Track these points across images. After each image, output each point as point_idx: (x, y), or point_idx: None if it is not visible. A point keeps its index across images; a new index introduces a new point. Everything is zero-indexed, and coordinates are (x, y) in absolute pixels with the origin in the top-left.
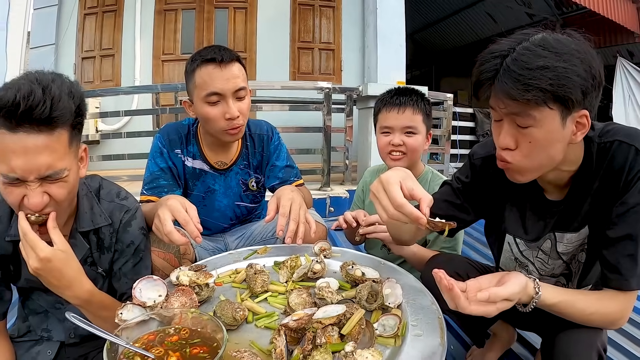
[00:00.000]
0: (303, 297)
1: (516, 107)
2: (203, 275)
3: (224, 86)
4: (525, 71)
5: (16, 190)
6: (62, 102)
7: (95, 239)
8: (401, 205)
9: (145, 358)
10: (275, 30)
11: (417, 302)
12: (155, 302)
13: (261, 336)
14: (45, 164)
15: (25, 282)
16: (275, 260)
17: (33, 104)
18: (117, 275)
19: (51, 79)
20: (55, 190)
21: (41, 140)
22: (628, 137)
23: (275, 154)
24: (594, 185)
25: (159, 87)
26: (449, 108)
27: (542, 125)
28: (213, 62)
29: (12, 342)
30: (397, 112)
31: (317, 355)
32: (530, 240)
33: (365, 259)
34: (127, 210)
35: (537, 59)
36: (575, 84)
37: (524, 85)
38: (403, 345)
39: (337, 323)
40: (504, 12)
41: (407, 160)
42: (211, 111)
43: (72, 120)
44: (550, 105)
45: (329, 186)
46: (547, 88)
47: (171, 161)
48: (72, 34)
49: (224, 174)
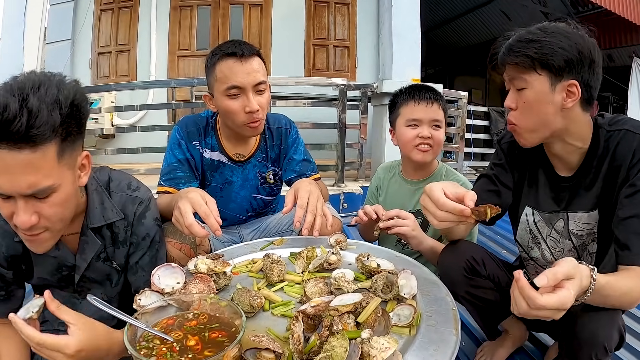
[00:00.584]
0: (319, 286)
1: (512, 72)
2: (221, 263)
3: (245, 80)
4: (518, 43)
5: (6, 205)
6: (41, 116)
7: (110, 233)
8: (444, 203)
9: (164, 341)
10: (290, 27)
11: (432, 294)
12: (174, 288)
13: (277, 324)
14: (26, 183)
15: (38, 280)
16: (291, 252)
17: (8, 120)
18: (133, 269)
19: (35, 87)
20: (45, 209)
21: (22, 158)
22: (635, 127)
23: (293, 148)
24: (603, 168)
25: (173, 82)
26: (463, 106)
27: (533, 87)
28: (234, 56)
29: None
30: (425, 105)
31: (334, 341)
32: (543, 211)
33: (380, 251)
34: (140, 201)
35: (528, 35)
36: (557, 53)
37: (515, 52)
38: (417, 334)
39: (354, 311)
40: (519, 10)
41: (433, 153)
42: (232, 104)
43: (59, 133)
44: (539, 71)
45: (343, 182)
46: (532, 55)
47: (189, 153)
48: (88, 30)
49: (241, 166)
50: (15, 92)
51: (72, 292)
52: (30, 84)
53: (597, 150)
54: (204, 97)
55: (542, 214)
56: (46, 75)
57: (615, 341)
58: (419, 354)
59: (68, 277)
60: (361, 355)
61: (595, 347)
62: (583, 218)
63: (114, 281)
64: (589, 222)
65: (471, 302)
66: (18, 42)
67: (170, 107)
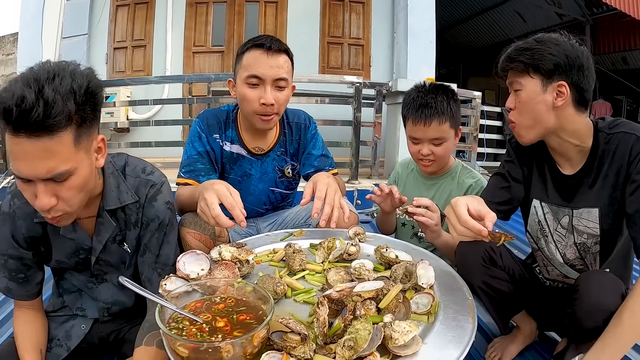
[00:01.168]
0: (341, 274)
1: (511, 76)
2: (244, 251)
3: (266, 72)
4: (514, 51)
5: (29, 188)
6: (57, 106)
7: (123, 215)
8: (465, 221)
9: (193, 322)
10: (305, 24)
11: (449, 285)
12: (198, 275)
13: (300, 310)
14: (45, 168)
15: (56, 263)
16: (311, 243)
17: (25, 110)
18: (141, 250)
19: (50, 77)
20: (63, 192)
21: (40, 145)
22: (632, 129)
23: (312, 143)
24: (604, 168)
25: (186, 78)
26: (477, 106)
27: (526, 88)
28: (262, 47)
29: (47, 316)
30: (423, 125)
31: (357, 324)
32: (551, 203)
33: (398, 244)
34: (152, 184)
35: (523, 44)
36: (547, 58)
37: (511, 59)
38: (435, 322)
39: (375, 297)
40: (533, 11)
41: (437, 165)
42: (249, 92)
43: (75, 120)
44: (532, 74)
45: (357, 179)
46: (524, 60)
47: (209, 145)
48: (105, 25)
49: (260, 159)
50: (31, 83)
51: (89, 276)
52: (45, 74)
53: (598, 152)
54: (228, 83)
55: (550, 206)
56: (60, 65)
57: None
58: (437, 340)
59: (85, 260)
60: (383, 338)
61: (603, 313)
62: (584, 214)
63: (127, 263)
64: (589, 220)
65: (486, 292)
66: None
67: (183, 102)
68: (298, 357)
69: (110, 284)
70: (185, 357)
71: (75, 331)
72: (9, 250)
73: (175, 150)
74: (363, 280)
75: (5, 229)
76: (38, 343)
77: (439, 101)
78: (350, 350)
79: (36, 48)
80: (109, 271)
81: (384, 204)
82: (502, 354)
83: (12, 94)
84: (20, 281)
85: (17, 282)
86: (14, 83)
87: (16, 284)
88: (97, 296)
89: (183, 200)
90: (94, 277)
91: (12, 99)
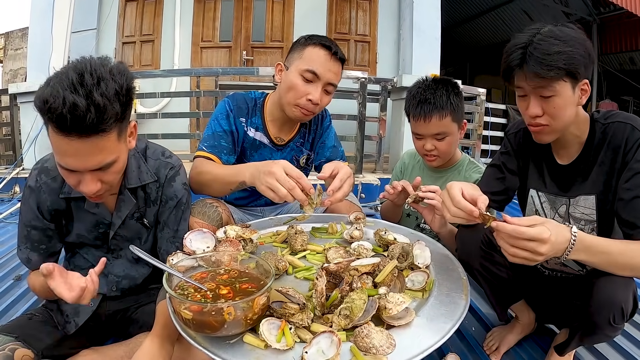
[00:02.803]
0: (340, 253)
1: (542, 83)
2: (249, 231)
3: (325, 73)
4: (547, 56)
5: (73, 176)
6: (107, 111)
7: (143, 194)
8: (458, 201)
9: (198, 290)
10: (312, 21)
11: (444, 265)
12: (204, 251)
13: (300, 285)
14: (95, 162)
15: (75, 237)
16: (314, 226)
17: (79, 117)
18: (160, 225)
19: (95, 83)
20: (107, 177)
21: (90, 143)
22: (626, 118)
23: (327, 133)
24: (600, 157)
25: (193, 71)
26: (481, 103)
27: (561, 94)
28: (329, 50)
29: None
30: (423, 121)
31: (353, 294)
32: (548, 192)
33: (397, 228)
34: (171, 167)
35: (552, 46)
36: (579, 61)
37: (548, 66)
38: (429, 298)
39: (372, 273)
40: (540, 10)
41: (441, 160)
42: (300, 84)
43: (119, 118)
44: (565, 79)
45: (361, 174)
46: (562, 67)
47: (235, 126)
48: (114, 20)
49: (281, 150)
50: (78, 88)
51: (106, 251)
52: (89, 79)
53: (594, 141)
54: (276, 65)
55: (548, 196)
56: (101, 67)
57: (631, 305)
58: (430, 313)
59: (103, 235)
60: (378, 308)
61: (614, 308)
62: (581, 201)
63: (143, 239)
64: (586, 207)
65: (485, 277)
66: (47, 31)
67: (190, 95)
68: (296, 324)
69: (124, 259)
70: (189, 319)
71: (84, 307)
72: (33, 222)
73: (183, 143)
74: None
75: (31, 201)
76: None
77: (437, 96)
78: (346, 319)
79: (46, 42)
80: (125, 246)
81: (397, 199)
82: (500, 343)
83: (61, 100)
84: (41, 252)
85: (39, 253)
86: (58, 85)
87: (37, 254)
88: (110, 270)
89: (218, 174)
90: (110, 252)
91: (64, 106)
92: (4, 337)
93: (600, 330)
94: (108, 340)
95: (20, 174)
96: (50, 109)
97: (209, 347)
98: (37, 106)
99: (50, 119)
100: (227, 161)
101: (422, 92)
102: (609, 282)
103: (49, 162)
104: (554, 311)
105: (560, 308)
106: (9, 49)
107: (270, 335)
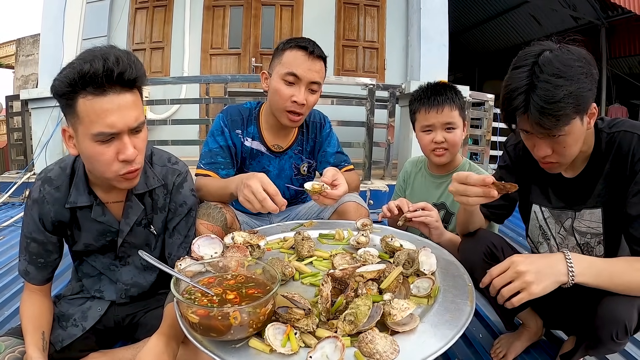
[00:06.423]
0: (346, 259)
1: (550, 131)
2: (256, 237)
3: (304, 74)
4: (552, 105)
5: (109, 149)
6: (138, 66)
7: (150, 200)
8: (470, 175)
9: (205, 295)
10: (320, 28)
11: (449, 272)
12: (212, 257)
13: (307, 291)
14: (134, 116)
15: (83, 246)
16: (321, 233)
17: (123, 68)
18: (170, 232)
19: (121, 51)
20: (139, 143)
21: (128, 97)
22: (632, 127)
23: (327, 141)
24: (605, 168)
25: (203, 78)
26: (490, 109)
27: (571, 133)
28: (305, 50)
29: (65, 300)
30: (436, 111)
31: (358, 301)
32: (552, 207)
33: (403, 235)
34: (179, 173)
35: (556, 90)
36: (587, 96)
37: (554, 117)
38: (434, 304)
39: (377, 279)
40: (548, 14)
41: (450, 155)
42: (283, 88)
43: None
44: (574, 116)
45: (370, 180)
46: (571, 112)
47: (231, 140)
48: (124, 27)
49: (279, 157)
50: (108, 55)
51: (113, 258)
52: (113, 50)
53: (599, 152)
54: (261, 74)
55: (552, 211)
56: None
57: (635, 322)
58: (434, 319)
59: (111, 243)
60: (382, 314)
61: (617, 325)
62: (586, 215)
63: (152, 246)
64: (592, 220)
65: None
66: (58, 38)
67: (200, 102)
68: (302, 329)
69: (132, 266)
70: (196, 323)
71: (92, 312)
72: (34, 234)
73: (192, 149)
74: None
75: (33, 212)
76: (41, 326)
77: (446, 91)
78: (351, 325)
79: (58, 49)
80: (133, 253)
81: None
82: (508, 351)
83: (102, 62)
84: (39, 265)
85: (36, 266)
86: (94, 54)
87: (34, 268)
88: (118, 278)
89: (211, 189)
90: (118, 259)
91: (108, 61)
92: (13, 340)
93: (603, 345)
94: (117, 343)
95: (31, 178)
96: (90, 72)
97: (215, 351)
98: (69, 82)
99: (89, 82)
100: (226, 175)
101: (432, 88)
102: (613, 298)
103: (52, 172)
104: (562, 317)
105: (568, 314)
106: (20, 55)
107: (275, 339)
